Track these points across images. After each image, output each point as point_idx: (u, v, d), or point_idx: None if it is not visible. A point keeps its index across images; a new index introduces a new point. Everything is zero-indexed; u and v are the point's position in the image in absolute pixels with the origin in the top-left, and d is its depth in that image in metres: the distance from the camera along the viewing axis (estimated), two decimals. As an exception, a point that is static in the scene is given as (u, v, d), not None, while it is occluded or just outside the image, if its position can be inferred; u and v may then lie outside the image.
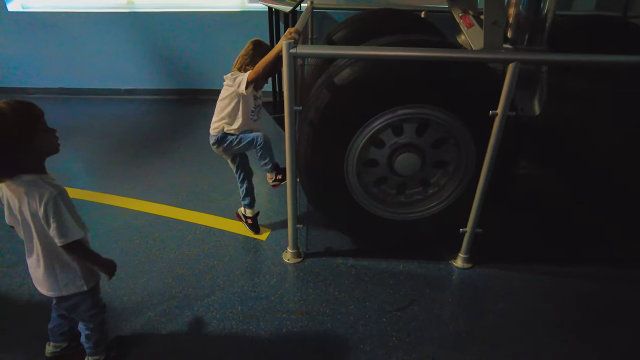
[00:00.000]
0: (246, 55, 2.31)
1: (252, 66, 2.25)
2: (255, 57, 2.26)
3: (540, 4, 2.45)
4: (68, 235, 1.32)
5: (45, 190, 1.29)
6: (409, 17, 3.27)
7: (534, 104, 2.53)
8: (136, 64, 4.91)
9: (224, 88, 2.33)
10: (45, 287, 1.45)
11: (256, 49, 2.31)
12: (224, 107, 2.34)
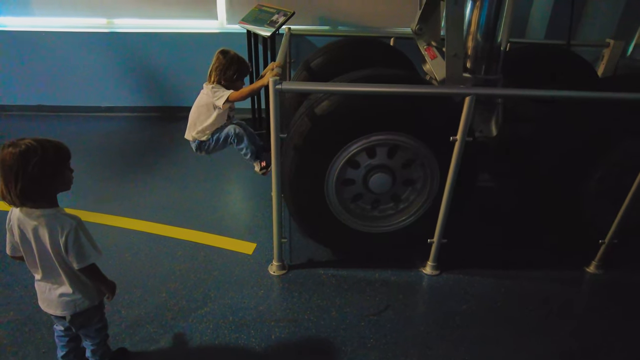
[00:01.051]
0: (220, 66, 2.54)
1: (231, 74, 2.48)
2: (230, 66, 2.50)
3: (494, 36, 2.78)
4: (85, 259, 1.50)
5: (65, 222, 1.46)
6: (380, 46, 3.57)
7: (491, 127, 2.85)
8: (116, 82, 5.01)
9: (202, 96, 2.57)
10: (61, 306, 1.59)
11: (227, 58, 2.55)
12: (199, 115, 2.58)
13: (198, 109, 2.64)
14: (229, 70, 2.52)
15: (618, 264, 2.76)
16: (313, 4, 4.71)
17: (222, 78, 2.54)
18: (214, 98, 2.52)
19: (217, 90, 2.51)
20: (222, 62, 2.54)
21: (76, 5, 4.75)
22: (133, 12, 4.80)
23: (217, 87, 2.54)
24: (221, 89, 2.53)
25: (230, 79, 2.57)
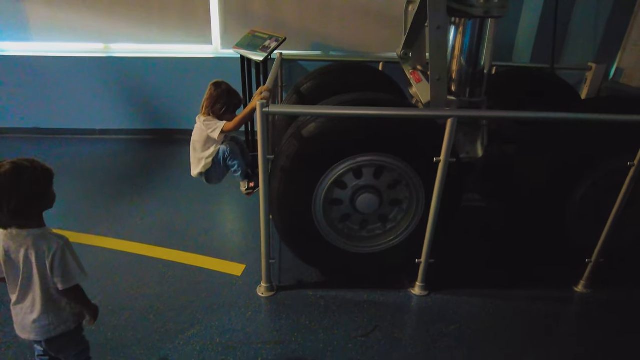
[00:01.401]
0: (210, 99, 2.61)
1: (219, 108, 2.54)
2: (219, 99, 2.56)
3: (478, 60, 2.86)
4: (70, 280, 1.50)
5: (52, 242, 1.47)
6: (369, 71, 3.67)
7: (477, 148, 2.91)
8: (111, 105, 5.08)
9: (197, 130, 2.62)
10: (35, 331, 1.57)
11: (218, 91, 2.62)
12: (199, 150, 2.63)
13: (196, 145, 2.69)
14: (218, 104, 2.59)
15: (607, 282, 2.77)
16: (305, 31, 4.85)
17: (211, 110, 2.61)
18: (209, 131, 2.58)
19: (209, 123, 2.57)
20: (212, 94, 2.62)
21: (75, 31, 4.86)
22: (129, 38, 4.92)
23: (209, 120, 2.60)
24: (214, 120, 2.59)
25: (218, 112, 2.63)
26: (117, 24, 4.85)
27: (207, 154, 2.66)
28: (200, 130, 2.64)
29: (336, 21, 4.83)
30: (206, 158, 2.66)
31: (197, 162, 2.72)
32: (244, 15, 4.80)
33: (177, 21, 4.85)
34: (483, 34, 2.68)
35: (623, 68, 4.10)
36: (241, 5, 4.78)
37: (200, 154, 2.68)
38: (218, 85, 2.64)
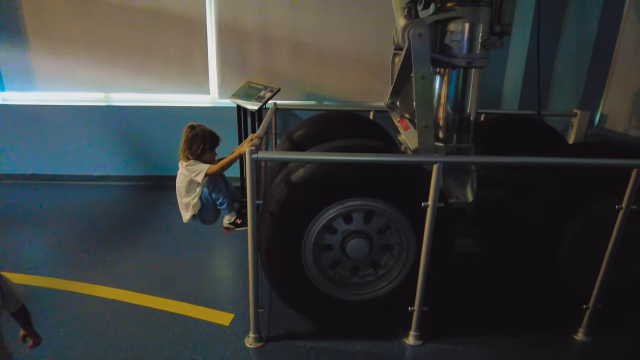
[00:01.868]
0: (186, 142, 2.65)
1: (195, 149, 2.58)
2: (195, 140, 2.60)
3: (463, 107, 2.94)
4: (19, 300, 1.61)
5: None
6: (360, 120, 3.78)
7: (467, 193, 2.93)
8: (109, 151, 5.17)
9: (180, 176, 2.65)
10: None
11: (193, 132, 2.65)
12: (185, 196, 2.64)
13: (180, 191, 2.72)
14: (194, 145, 2.62)
15: (606, 328, 2.69)
16: (298, 81, 5.05)
17: (189, 152, 2.64)
18: (192, 175, 2.60)
19: (192, 166, 2.60)
20: (188, 136, 2.64)
21: (77, 81, 5.05)
22: (130, 87, 5.09)
23: (192, 163, 2.62)
24: (197, 163, 2.61)
25: (196, 152, 2.64)
26: (118, 74, 5.05)
27: (192, 197, 2.67)
28: (183, 176, 2.67)
29: (329, 72, 5.04)
30: (192, 201, 2.67)
31: (186, 208, 2.73)
32: (240, 66, 5.01)
33: (176, 72, 5.05)
34: (467, 82, 2.78)
35: (607, 114, 4.22)
36: (238, 57, 5.00)
37: (185, 199, 2.69)
38: (192, 128, 2.68)
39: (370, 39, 4.93)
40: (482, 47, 2.63)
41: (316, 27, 4.90)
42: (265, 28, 4.90)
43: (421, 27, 2.47)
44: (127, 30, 4.88)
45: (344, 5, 4.84)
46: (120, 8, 4.79)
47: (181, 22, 4.86)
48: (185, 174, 2.63)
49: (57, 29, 4.85)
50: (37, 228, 3.94)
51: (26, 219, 4.13)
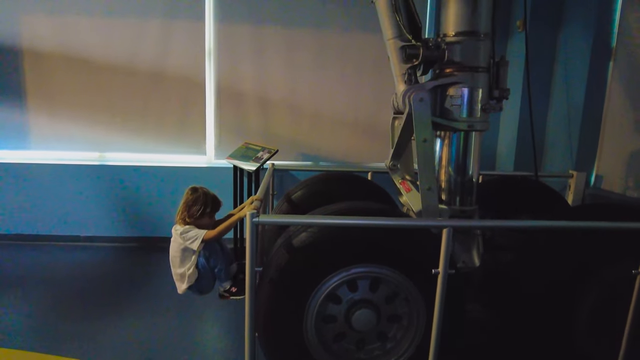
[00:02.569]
0: (185, 203, 2.53)
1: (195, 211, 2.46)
2: (195, 203, 2.49)
3: (465, 169, 2.92)
4: None
5: None
6: (359, 180, 3.75)
7: (473, 257, 2.82)
8: (100, 211, 5.02)
9: (174, 244, 2.49)
10: None
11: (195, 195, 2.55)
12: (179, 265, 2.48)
13: (174, 260, 2.55)
14: (194, 207, 2.50)
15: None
16: (296, 142, 5.10)
17: (187, 214, 2.52)
18: (187, 242, 2.44)
19: (187, 233, 2.45)
20: (188, 198, 2.54)
21: (73, 140, 5.02)
22: (125, 147, 5.07)
23: (187, 229, 2.48)
24: (192, 229, 2.47)
25: (195, 214, 2.52)
26: (114, 134, 5.05)
27: (188, 266, 2.50)
28: (177, 244, 2.50)
29: (326, 133, 5.11)
30: (188, 271, 2.50)
31: (181, 278, 2.54)
32: (238, 128, 5.06)
33: (173, 132, 5.07)
34: (469, 145, 2.78)
35: (602, 175, 4.25)
36: (236, 118, 5.06)
37: (180, 269, 2.52)
38: (195, 190, 2.59)
39: (366, 100, 5.07)
40: (482, 111, 2.67)
41: (313, 89, 5.04)
42: (263, 90, 5.02)
43: (422, 92, 2.51)
44: (126, 92, 4.95)
45: (341, 68, 5.02)
46: (121, 72, 4.90)
47: (180, 84, 4.97)
48: (180, 242, 2.47)
49: (57, 90, 4.91)
50: (13, 293, 3.69)
51: (2, 283, 3.88)
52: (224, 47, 4.95)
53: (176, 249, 2.51)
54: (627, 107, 3.93)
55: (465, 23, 2.59)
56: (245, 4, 4.87)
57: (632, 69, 3.89)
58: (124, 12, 4.80)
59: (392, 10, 2.64)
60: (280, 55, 4.97)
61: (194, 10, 4.84)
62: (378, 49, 4.78)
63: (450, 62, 2.61)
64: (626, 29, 3.94)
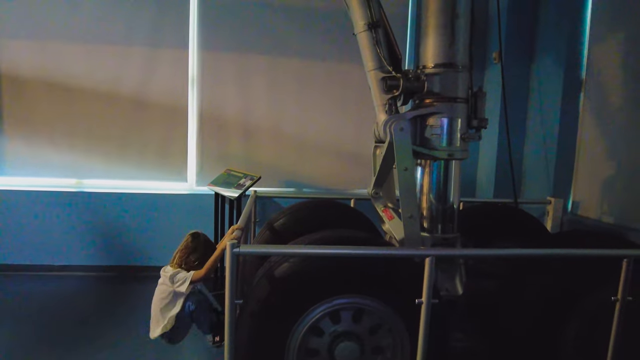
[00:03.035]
0: (185, 249, 2.46)
1: (192, 260, 2.39)
2: (195, 251, 2.42)
3: (446, 197, 2.95)
4: None
5: None
6: (341, 208, 3.75)
7: (456, 285, 2.82)
8: (75, 240, 4.85)
9: (162, 286, 2.39)
10: None
11: (195, 242, 2.49)
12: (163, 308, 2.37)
13: (159, 304, 2.46)
14: (193, 255, 2.47)
15: None
16: (279, 169, 5.09)
17: (184, 261, 2.47)
18: (175, 286, 2.38)
19: (175, 275, 2.39)
20: (188, 244, 2.51)
21: (50, 166, 4.90)
22: (104, 173, 4.97)
23: (176, 273, 2.42)
24: (181, 272, 2.42)
25: (191, 263, 2.49)
26: (94, 160, 4.95)
27: (172, 312, 2.40)
28: (164, 286, 2.41)
29: (309, 160, 5.13)
30: (170, 313, 2.40)
31: (158, 323, 2.43)
32: (220, 155, 5.03)
33: (154, 159, 5.01)
34: (449, 173, 2.82)
35: (578, 201, 4.35)
36: (218, 145, 5.04)
37: (162, 314, 2.41)
38: (196, 236, 2.54)
39: (348, 128, 5.13)
40: (461, 140, 2.72)
41: (296, 116, 5.09)
42: (246, 117, 5.04)
43: (402, 121, 2.55)
44: (108, 118, 4.90)
45: (324, 96, 5.10)
46: (103, 98, 4.86)
47: (163, 110, 4.95)
48: (167, 285, 2.39)
49: (35, 115, 4.82)
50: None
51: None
52: (208, 75, 4.98)
53: (163, 292, 2.41)
54: (598, 136, 4.08)
55: (444, 55, 2.67)
56: (230, 33, 4.94)
57: (601, 100, 4.05)
58: (108, 39, 4.80)
59: (373, 42, 2.71)
60: (264, 83, 5.03)
61: (178, 38, 4.88)
62: (360, 78, 4.88)
63: (429, 93, 2.67)
64: (594, 62, 4.13)
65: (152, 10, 4.81)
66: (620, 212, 3.80)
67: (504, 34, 4.18)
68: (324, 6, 4.98)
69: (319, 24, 5.00)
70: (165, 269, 2.46)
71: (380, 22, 2.77)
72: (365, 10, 2.71)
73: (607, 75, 3.99)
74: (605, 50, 4.02)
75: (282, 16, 4.97)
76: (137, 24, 4.81)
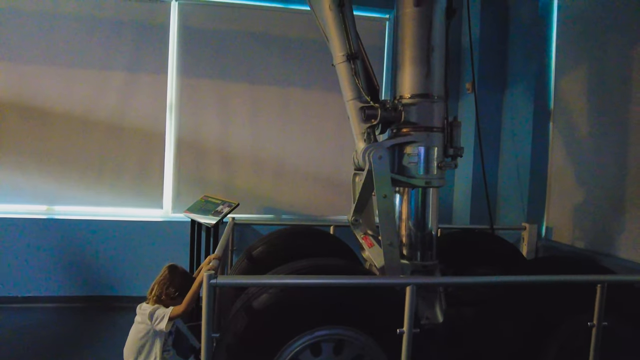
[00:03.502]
0: (164, 282, 2.37)
1: (172, 292, 2.30)
2: (173, 283, 2.34)
3: (425, 224, 2.96)
4: None
5: None
6: (321, 235, 3.72)
7: (436, 313, 2.80)
8: (42, 269, 4.62)
9: (137, 326, 2.28)
10: None
11: (172, 274, 2.40)
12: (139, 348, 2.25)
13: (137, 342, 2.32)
14: (172, 287, 2.36)
15: None
16: (258, 196, 5.05)
17: (164, 293, 2.37)
18: (154, 324, 2.27)
19: (154, 312, 2.28)
20: (166, 276, 2.41)
21: (18, 191, 4.71)
22: (77, 200, 4.81)
23: (155, 309, 2.31)
24: (160, 308, 2.31)
25: (172, 295, 2.39)
26: (66, 185, 4.80)
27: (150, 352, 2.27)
28: (143, 325, 2.26)
29: (288, 187, 5.11)
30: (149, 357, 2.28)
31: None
32: (197, 180, 4.97)
33: (129, 184, 4.89)
34: (427, 201, 2.85)
35: (552, 227, 4.47)
36: (196, 171, 4.98)
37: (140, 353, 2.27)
38: (174, 268, 2.45)
39: (328, 154, 5.17)
40: (438, 168, 2.77)
41: (276, 143, 5.10)
42: (224, 143, 5.02)
43: (381, 150, 2.59)
44: (83, 143, 4.78)
45: (303, 123, 5.14)
46: (77, 121, 4.76)
47: (139, 135, 4.88)
48: (147, 324, 2.26)
49: (5, 138, 4.66)
50: None
51: None
52: (187, 101, 4.97)
53: (140, 331, 2.28)
54: (567, 163, 4.23)
55: (420, 86, 2.75)
56: (209, 60, 4.97)
57: (569, 129, 4.24)
58: (86, 63, 4.75)
59: (351, 73, 2.77)
60: (243, 109, 5.04)
61: (157, 64, 4.87)
62: (338, 106, 4.97)
63: (407, 122, 2.73)
64: (560, 93, 4.34)
65: (131, 35, 4.81)
66: (591, 237, 3.92)
67: (476, 65, 4.34)
68: (303, 36, 5.09)
69: (298, 52, 5.10)
70: (141, 306, 2.35)
71: (359, 54, 2.84)
72: (344, 42, 2.78)
73: (573, 105, 4.19)
74: (570, 82, 4.23)
75: (262, 44, 5.05)
76: (115, 48, 4.79)
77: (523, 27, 4.65)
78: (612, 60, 3.76)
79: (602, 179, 3.80)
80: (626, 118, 3.59)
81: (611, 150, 3.71)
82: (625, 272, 3.28)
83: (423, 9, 2.71)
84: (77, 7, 4.72)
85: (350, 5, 2.86)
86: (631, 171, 3.54)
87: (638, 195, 3.48)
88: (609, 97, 3.76)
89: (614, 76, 3.72)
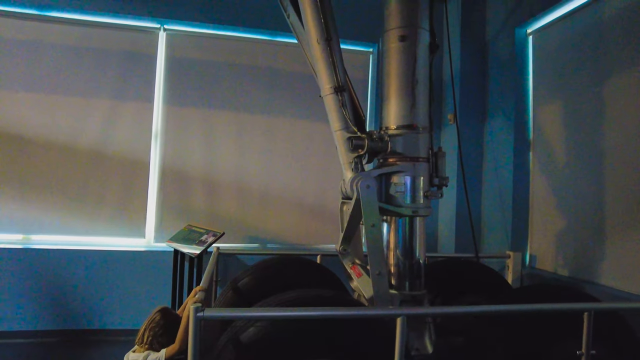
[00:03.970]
0: (155, 327, 2.29)
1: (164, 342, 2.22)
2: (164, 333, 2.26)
3: (412, 253, 2.96)
4: None
5: None
6: (308, 265, 3.67)
7: (426, 344, 2.77)
8: (14, 303, 4.40)
9: None
10: None
11: (166, 320, 2.32)
12: None
13: None
14: (164, 337, 2.29)
15: None
16: (243, 225, 5.00)
17: (156, 341, 2.29)
18: None
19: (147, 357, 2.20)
20: (159, 321, 2.34)
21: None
22: (55, 229, 4.66)
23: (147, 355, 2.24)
24: (151, 354, 2.24)
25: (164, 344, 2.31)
26: (45, 214, 4.66)
27: None
28: None
29: (274, 215, 5.09)
30: None
31: None
32: (181, 209, 4.90)
33: (111, 213, 4.78)
34: (414, 229, 2.87)
35: (535, 254, 4.53)
36: (179, 199, 4.92)
37: None
38: (167, 313, 2.36)
39: (314, 183, 5.19)
40: (424, 198, 2.81)
41: (261, 172, 5.10)
42: (210, 172, 4.99)
43: (368, 179, 2.62)
44: (64, 170, 4.69)
45: (289, 152, 5.17)
46: (59, 149, 4.68)
47: (123, 164, 4.82)
48: None
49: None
50: None
51: None
52: (172, 129, 4.96)
53: None
54: (548, 192, 4.34)
55: (406, 117, 2.83)
56: (196, 89, 5.01)
57: (548, 158, 4.37)
58: (70, 91, 4.72)
59: (339, 105, 2.83)
60: (229, 138, 5.06)
61: (143, 92, 4.88)
62: (323, 135, 5.06)
63: (393, 152, 2.79)
64: (539, 124, 4.50)
65: (117, 63, 4.82)
66: (573, 265, 3.99)
67: (458, 97, 4.49)
68: (289, 67, 5.20)
69: (283, 83, 5.20)
70: (129, 356, 2.25)
71: (346, 86, 2.91)
72: (332, 75, 2.85)
73: (552, 135, 4.34)
74: (547, 113, 4.40)
75: (248, 75, 5.13)
76: (101, 76, 4.79)
77: (501, 62, 4.86)
78: (583, 95, 3.94)
79: (581, 207, 3.90)
80: (601, 148, 3.74)
81: (589, 178, 3.83)
82: (608, 299, 3.33)
83: (408, 44, 2.82)
84: (65, 36, 4.74)
85: (337, 39, 2.95)
86: (608, 199, 3.66)
87: (616, 223, 3.58)
88: (584, 128, 3.92)
89: (587, 110, 3.89)
